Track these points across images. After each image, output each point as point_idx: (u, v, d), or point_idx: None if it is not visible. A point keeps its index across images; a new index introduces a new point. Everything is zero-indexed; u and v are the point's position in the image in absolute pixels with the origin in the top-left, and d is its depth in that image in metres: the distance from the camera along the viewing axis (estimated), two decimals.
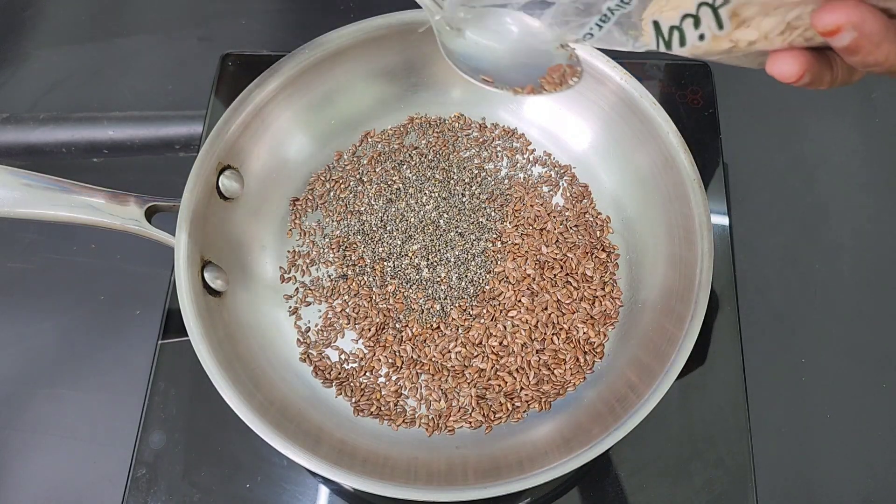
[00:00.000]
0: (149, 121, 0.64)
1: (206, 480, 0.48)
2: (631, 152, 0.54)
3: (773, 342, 0.55)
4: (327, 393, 0.50)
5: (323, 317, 0.52)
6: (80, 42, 0.43)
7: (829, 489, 0.51)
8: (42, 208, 0.46)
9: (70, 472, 0.52)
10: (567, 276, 0.53)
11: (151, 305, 0.55)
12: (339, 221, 0.55)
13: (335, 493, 0.49)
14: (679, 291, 0.47)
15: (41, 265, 0.59)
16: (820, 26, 0.26)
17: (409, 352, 0.51)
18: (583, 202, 0.56)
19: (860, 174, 0.62)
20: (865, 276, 0.58)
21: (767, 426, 0.52)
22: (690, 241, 0.48)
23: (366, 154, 0.58)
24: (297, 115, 0.55)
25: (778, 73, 0.29)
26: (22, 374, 0.55)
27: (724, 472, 0.48)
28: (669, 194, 0.50)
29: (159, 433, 0.49)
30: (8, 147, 0.63)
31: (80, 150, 0.63)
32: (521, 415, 0.49)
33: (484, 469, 0.44)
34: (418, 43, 0.54)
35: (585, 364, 0.50)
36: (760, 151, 0.63)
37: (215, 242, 0.50)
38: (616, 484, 0.48)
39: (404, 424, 0.49)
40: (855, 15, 0.26)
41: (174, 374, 0.51)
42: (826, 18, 0.26)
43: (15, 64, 0.68)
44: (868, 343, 0.56)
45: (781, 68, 0.29)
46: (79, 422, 0.53)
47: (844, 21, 0.26)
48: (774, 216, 0.60)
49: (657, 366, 0.44)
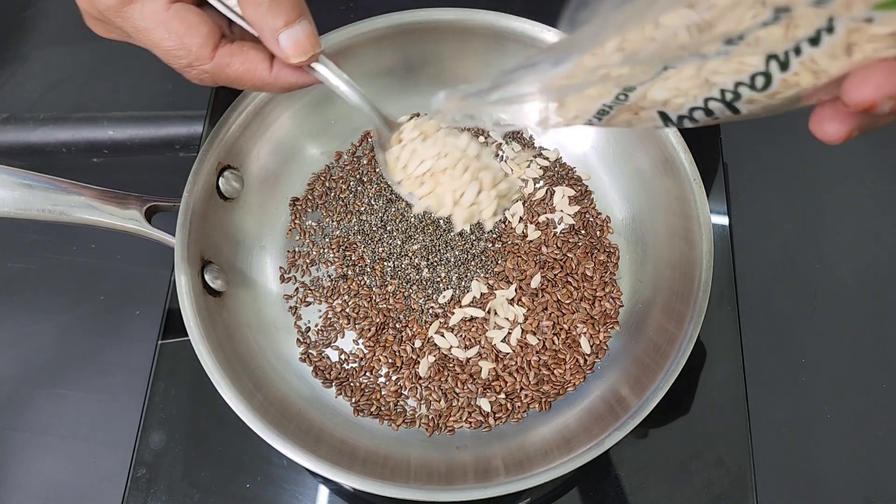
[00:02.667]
0: (149, 121, 0.64)
1: (206, 480, 0.48)
2: (631, 152, 0.54)
3: (773, 342, 0.55)
4: (327, 393, 0.50)
5: (323, 317, 0.52)
6: (80, 42, 0.43)
7: (829, 489, 0.51)
8: (42, 208, 0.46)
9: (70, 472, 0.52)
10: (567, 276, 0.53)
11: (151, 305, 0.55)
12: (339, 221, 0.55)
13: (335, 493, 0.49)
14: (679, 291, 0.47)
15: (41, 265, 0.59)
16: (852, 105, 0.23)
17: (409, 352, 0.51)
18: (583, 202, 0.56)
19: (860, 174, 0.62)
20: (865, 276, 0.58)
21: (767, 426, 0.52)
22: (690, 241, 0.48)
23: (366, 154, 0.58)
24: (297, 115, 0.55)
25: (822, 135, 0.25)
26: (22, 374, 0.55)
27: (724, 472, 0.48)
28: (669, 194, 0.50)
29: (159, 433, 0.49)
30: (8, 147, 0.63)
31: (80, 150, 0.63)
32: (521, 415, 0.49)
33: (484, 469, 0.44)
34: (418, 43, 0.54)
35: (585, 364, 0.50)
36: (760, 151, 0.63)
37: (215, 242, 0.50)
38: (616, 484, 0.48)
39: (404, 424, 0.49)
40: (887, 86, 0.23)
41: (174, 374, 0.51)
42: (855, 96, 0.23)
43: (15, 64, 0.68)
44: (868, 343, 0.56)
45: (826, 130, 0.25)
46: (79, 422, 0.53)
47: (877, 97, 0.23)
48: (774, 216, 0.60)
49: (657, 366, 0.44)
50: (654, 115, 0.29)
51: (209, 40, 0.37)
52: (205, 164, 0.49)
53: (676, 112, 0.28)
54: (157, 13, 0.37)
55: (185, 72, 0.39)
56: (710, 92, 0.26)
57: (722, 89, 0.26)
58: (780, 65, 0.24)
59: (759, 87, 0.25)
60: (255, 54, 0.38)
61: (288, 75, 0.38)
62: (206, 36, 0.37)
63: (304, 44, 0.36)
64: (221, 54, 0.38)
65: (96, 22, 0.41)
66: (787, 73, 0.25)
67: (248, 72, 0.38)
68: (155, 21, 0.37)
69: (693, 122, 0.28)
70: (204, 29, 0.37)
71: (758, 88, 0.25)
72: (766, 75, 0.25)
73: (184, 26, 0.37)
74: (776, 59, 0.24)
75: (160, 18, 0.37)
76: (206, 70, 0.38)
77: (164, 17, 0.37)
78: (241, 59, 0.38)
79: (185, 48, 0.37)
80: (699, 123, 0.28)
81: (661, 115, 0.29)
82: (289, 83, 0.39)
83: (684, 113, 0.28)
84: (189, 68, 0.38)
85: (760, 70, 0.25)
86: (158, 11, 0.37)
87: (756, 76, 0.25)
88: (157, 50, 0.38)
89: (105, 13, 0.38)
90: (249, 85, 0.39)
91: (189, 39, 0.37)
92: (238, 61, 0.38)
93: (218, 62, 0.38)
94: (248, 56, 0.38)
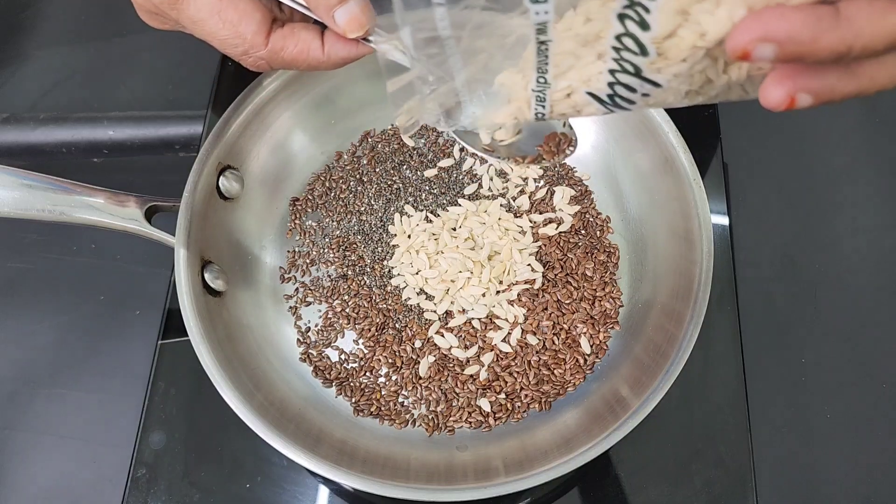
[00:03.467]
0: (149, 121, 0.64)
1: (206, 480, 0.48)
2: (631, 152, 0.54)
3: (773, 342, 0.55)
4: (327, 393, 0.50)
5: (323, 317, 0.52)
6: (80, 42, 0.43)
7: (829, 489, 0.51)
8: (42, 208, 0.46)
9: (70, 472, 0.52)
10: (567, 276, 0.52)
11: (151, 305, 0.55)
12: (339, 221, 0.55)
13: (335, 493, 0.49)
14: (679, 291, 0.47)
15: (41, 265, 0.59)
16: (730, 55, 0.23)
17: (409, 352, 0.51)
18: (583, 202, 0.56)
19: (860, 174, 0.62)
20: (865, 276, 0.58)
21: (767, 426, 0.52)
22: (690, 241, 0.48)
23: (366, 154, 0.58)
24: (297, 115, 0.55)
25: (763, 102, 0.25)
26: (22, 374, 0.55)
27: (724, 472, 0.48)
28: (669, 194, 0.50)
29: (159, 433, 0.49)
30: (8, 147, 0.63)
31: (80, 150, 0.63)
32: (521, 415, 0.49)
33: (484, 469, 0.44)
34: None
35: (585, 364, 0.50)
36: (760, 151, 0.63)
37: (215, 242, 0.50)
38: (616, 484, 0.48)
39: (404, 424, 0.49)
40: (756, 28, 0.22)
41: (174, 374, 0.51)
42: (729, 45, 0.23)
43: (15, 64, 0.68)
44: (868, 343, 0.56)
45: (765, 95, 0.25)
46: (79, 422, 0.53)
47: (747, 39, 0.23)
48: (774, 216, 0.60)
49: (657, 366, 0.44)
50: (587, 97, 0.30)
51: (262, 27, 0.38)
52: (205, 164, 0.49)
53: (602, 91, 0.29)
54: (211, 3, 0.37)
55: (241, 60, 0.39)
56: (607, 64, 0.27)
57: (611, 65, 0.27)
58: (638, 24, 0.25)
59: (636, 50, 0.26)
60: (306, 34, 0.38)
61: (340, 50, 0.38)
62: (260, 23, 0.37)
63: (361, 18, 0.36)
64: (275, 39, 0.38)
65: (151, 15, 0.41)
66: (653, 33, 0.25)
67: (302, 52, 0.38)
68: (208, 11, 0.37)
69: (627, 103, 0.29)
70: (257, 16, 0.37)
71: (635, 51, 0.26)
72: (632, 37, 0.26)
73: (237, 14, 0.37)
74: (627, 18, 0.25)
75: (214, 8, 0.37)
76: (262, 56, 0.38)
77: (218, 7, 0.37)
78: (294, 42, 0.38)
79: (240, 37, 0.38)
80: (637, 104, 0.29)
81: (592, 95, 0.30)
82: (342, 58, 0.39)
83: (609, 92, 0.29)
84: (245, 56, 0.39)
85: (620, 31, 0.26)
86: (212, 2, 0.37)
87: (622, 37, 0.26)
88: (213, 40, 0.39)
89: (160, 6, 0.38)
90: (305, 66, 0.39)
91: (243, 28, 0.37)
92: (291, 44, 0.38)
93: (272, 48, 0.38)
94: (301, 37, 0.38)
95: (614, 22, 0.26)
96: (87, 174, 0.55)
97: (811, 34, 0.22)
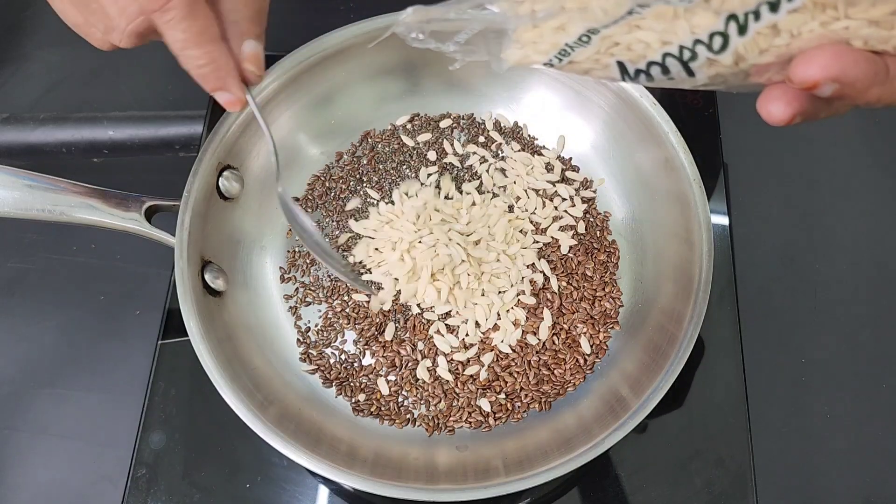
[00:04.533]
0: (149, 121, 0.64)
1: (206, 480, 0.48)
2: (631, 152, 0.54)
3: (773, 342, 0.55)
4: (327, 393, 0.50)
5: (323, 317, 0.52)
6: (80, 42, 0.43)
7: (829, 489, 0.51)
8: (42, 208, 0.46)
9: (70, 472, 0.52)
10: (567, 276, 0.52)
11: (151, 305, 0.55)
12: (339, 221, 0.55)
13: (335, 493, 0.49)
14: (679, 291, 0.47)
15: (41, 265, 0.59)
16: (797, 82, 0.24)
17: (409, 352, 0.51)
18: (583, 202, 0.56)
19: (860, 174, 0.62)
20: (865, 276, 0.58)
21: (767, 426, 0.52)
22: (690, 241, 0.48)
23: (366, 154, 0.58)
24: (297, 115, 0.55)
25: (766, 115, 0.26)
26: (22, 374, 0.55)
27: (724, 472, 0.48)
28: (669, 194, 0.50)
29: (159, 433, 0.49)
30: (8, 147, 0.63)
31: (80, 150, 0.63)
32: (521, 415, 0.49)
33: (484, 469, 0.44)
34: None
35: (585, 364, 0.50)
36: (760, 151, 0.63)
37: (215, 242, 0.50)
38: (616, 484, 0.48)
39: (404, 424, 0.49)
40: (834, 68, 0.24)
41: (174, 374, 0.51)
42: (801, 73, 0.24)
43: (15, 64, 0.68)
44: (868, 343, 0.56)
45: (770, 109, 0.26)
46: (79, 422, 0.53)
47: (821, 77, 0.24)
48: (774, 216, 0.60)
49: (657, 366, 0.44)
50: (613, 64, 0.29)
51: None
52: (205, 164, 0.49)
53: (635, 65, 0.29)
54: None
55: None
56: (669, 47, 0.27)
57: (681, 45, 0.27)
58: (738, 27, 0.25)
59: (717, 48, 0.26)
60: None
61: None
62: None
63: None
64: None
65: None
66: (745, 39, 0.26)
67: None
68: None
69: (649, 79, 0.29)
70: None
71: (715, 50, 0.26)
72: (723, 36, 0.26)
73: None
74: (735, 21, 0.25)
75: None
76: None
77: None
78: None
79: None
80: (654, 82, 0.29)
81: (620, 65, 0.29)
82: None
83: (642, 67, 0.29)
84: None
85: (719, 29, 0.26)
86: None
87: (714, 35, 0.26)
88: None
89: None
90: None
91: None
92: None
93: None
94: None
95: (719, 19, 0.26)
96: (87, 174, 0.55)
97: (867, 84, 0.24)
